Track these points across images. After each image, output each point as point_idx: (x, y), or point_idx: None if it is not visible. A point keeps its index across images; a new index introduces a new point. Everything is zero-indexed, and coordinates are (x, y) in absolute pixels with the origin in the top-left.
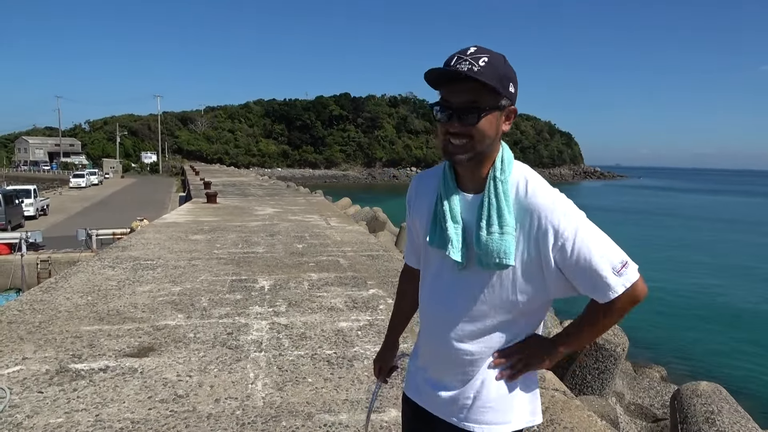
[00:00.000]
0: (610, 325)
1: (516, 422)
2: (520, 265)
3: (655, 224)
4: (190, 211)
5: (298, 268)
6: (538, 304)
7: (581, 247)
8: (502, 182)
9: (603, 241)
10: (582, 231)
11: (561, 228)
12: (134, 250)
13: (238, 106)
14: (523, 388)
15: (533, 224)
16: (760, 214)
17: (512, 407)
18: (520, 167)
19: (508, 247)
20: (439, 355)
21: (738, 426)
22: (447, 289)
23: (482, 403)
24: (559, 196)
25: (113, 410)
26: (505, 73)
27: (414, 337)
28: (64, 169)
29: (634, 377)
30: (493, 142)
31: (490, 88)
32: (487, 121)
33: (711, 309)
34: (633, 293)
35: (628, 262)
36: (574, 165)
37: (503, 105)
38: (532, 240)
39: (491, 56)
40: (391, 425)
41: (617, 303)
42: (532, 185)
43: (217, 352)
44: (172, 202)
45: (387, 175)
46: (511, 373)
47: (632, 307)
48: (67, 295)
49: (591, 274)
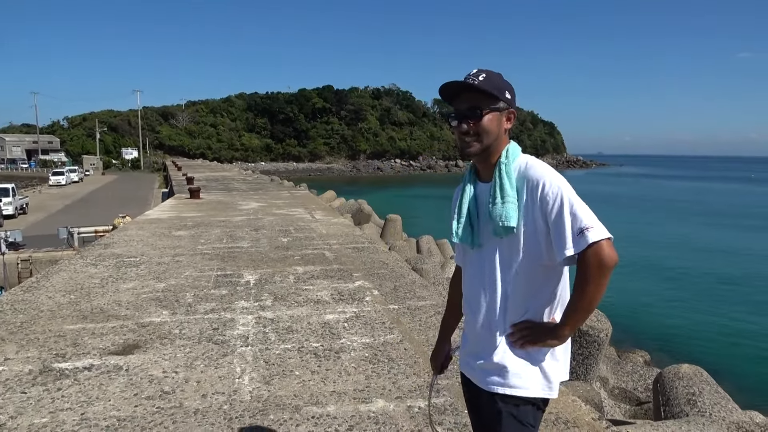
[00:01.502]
0: (595, 293)
1: (532, 391)
2: (523, 228)
3: (635, 211)
4: (173, 207)
5: (283, 262)
6: (544, 270)
7: (559, 206)
8: (505, 165)
9: (577, 204)
10: (562, 194)
11: (546, 190)
12: (117, 248)
13: (219, 100)
14: (537, 362)
15: (529, 190)
16: (738, 199)
17: (528, 377)
18: (525, 156)
19: (509, 212)
20: (474, 327)
21: (718, 407)
22: (475, 267)
23: (502, 370)
24: (550, 170)
25: (99, 408)
26: (501, 84)
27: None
28: (43, 167)
29: (618, 362)
30: (498, 137)
31: (488, 94)
32: (489, 119)
33: (692, 294)
34: (597, 255)
35: (594, 226)
36: (557, 154)
37: (501, 107)
38: (530, 204)
39: (488, 73)
40: (446, 407)
41: (587, 265)
42: (530, 164)
43: (203, 347)
44: (154, 199)
45: (371, 167)
46: (520, 344)
47: (602, 273)
48: (49, 294)
49: (560, 230)
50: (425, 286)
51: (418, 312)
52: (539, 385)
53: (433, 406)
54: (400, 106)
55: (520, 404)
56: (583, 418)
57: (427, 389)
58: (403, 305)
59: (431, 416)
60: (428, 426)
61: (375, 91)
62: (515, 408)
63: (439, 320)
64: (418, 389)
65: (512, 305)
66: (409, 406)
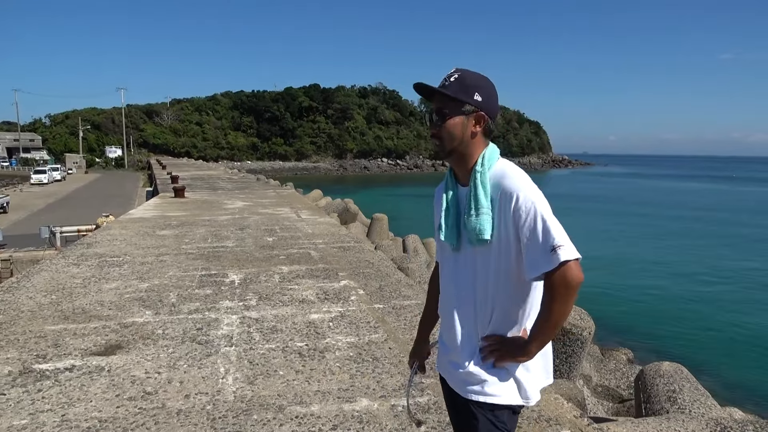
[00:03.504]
0: (560, 312)
1: (505, 398)
2: (497, 241)
3: (619, 210)
4: (158, 206)
5: (268, 262)
6: (516, 282)
7: (532, 221)
8: (480, 174)
9: (550, 221)
10: (535, 209)
11: (520, 203)
12: (100, 247)
13: (205, 99)
14: (509, 374)
15: (503, 201)
16: (719, 198)
17: (502, 386)
18: (502, 162)
19: (482, 225)
20: (448, 330)
21: (698, 404)
22: (451, 270)
23: (476, 378)
24: (526, 181)
25: (80, 410)
26: (472, 84)
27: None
28: (25, 165)
29: (601, 360)
30: (463, 142)
31: (451, 98)
32: (451, 123)
33: (674, 292)
34: (564, 275)
35: (564, 245)
36: (542, 153)
37: (467, 110)
38: (503, 217)
39: (462, 74)
40: (429, 405)
41: (553, 285)
42: (505, 173)
43: (186, 347)
44: (138, 198)
45: (358, 166)
46: (489, 359)
47: (568, 292)
48: (30, 295)
49: (532, 246)
50: (411, 285)
51: (403, 311)
52: (513, 393)
53: (413, 404)
54: (387, 105)
55: (495, 409)
56: (565, 416)
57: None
58: (388, 304)
59: (410, 410)
60: (409, 420)
61: (362, 90)
62: (490, 413)
63: None
64: (402, 388)
65: (483, 314)
66: (393, 405)
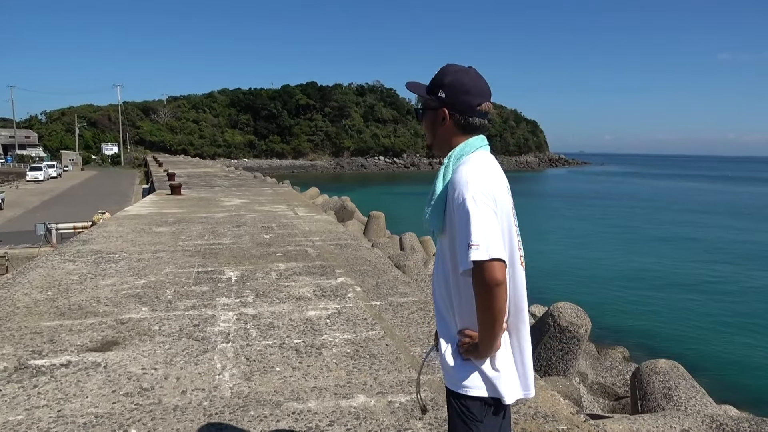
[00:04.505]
0: (485, 311)
1: (475, 391)
2: (448, 232)
3: (615, 208)
4: (154, 203)
5: (265, 259)
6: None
7: (459, 216)
8: (444, 167)
9: (475, 218)
10: (467, 205)
11: (456, 196)
12: (96, 244)
13: (201, 96)
14: (475, 367)
15: (449, 195)
16: (714, 197)
17: (471, 379)
18: (468, 157)
19: (433, 218)
20: (437, 317)
21: (694, 401)
22: (436, 256)
23: (449, 366)
24: (471, 176)
25: (76, 405)
26: (437, 82)
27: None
28: (20, 162)
29: (597, 358)
30: (437, 137)
31: (425, 96)
32: (426, 119)
33: (670, 291)
34: (478, 274)
35: (479, 245)
36: (539, 152)
37: (434, 106)
38: (450, 208)
39: (439, 71)
40: (426, 401)
41: (473, 283)
42: (460, 167)
43: (183, 344)
44: (135, 195)
45: (355, 164)
46: (460, 350)
47: (485, 291)
48: (26, 291)
49: (459, 242)
50: (407, 282)
51: (400, 308)
52: (482, 387)
53: (422, 381)
54: (385, 103)
55: (464, 399)
56: (562, 413)
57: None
58: (385, 301)
59: (419, 389)
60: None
61: (359, 88)
62: (460, 401)
63: (420, 317)
64: (399, 385)
65: (456, 305)
66: (390, 401)
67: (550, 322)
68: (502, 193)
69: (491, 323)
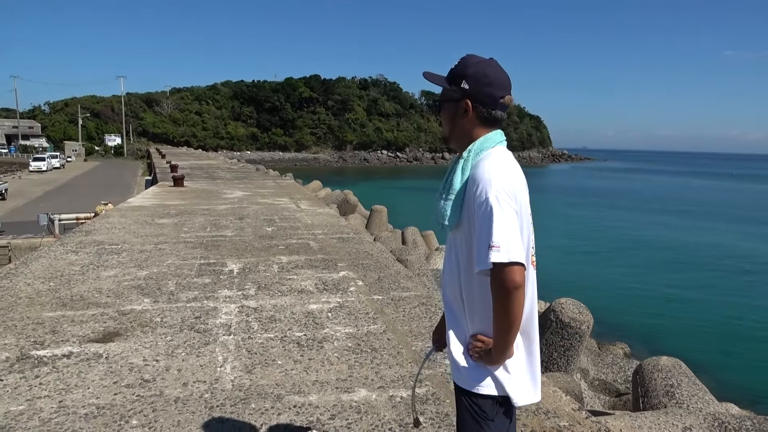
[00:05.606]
0: (502, 314)
1: (486, 389)
2: (463, 228)
3: (620, 204)
4: (157, 195)
5: (267, 251)
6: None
7: (482, 214)
8: (464, 160)
9: (498, 218)
10: (490, 203)
11: (478, 193)
12: (98, 235)
13: (205, 88)
14: (489, 371)
15: (469, 190)
16: (720, 195)
17: (483, 379)
18: (492, 152)
19: (446, 210)
20: (446, 313)
21: (696, 398)
22: (447, 251)
23: (460, 366)
24: (494, 173)
25: (77, 396)
26: (459, 72)
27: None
28: (23, 152)
29: (598, 354)
30: (456, 129)
31: (444, 87)
32: (445, 111)
33: (673, 288)
34: (498, 276)
35: (500, 246)
36: (543, 148)
37: (455, 98)
38: (468, 204)
39: (459, 61)
40: (428, 396)
41: (491, 285)
42: (481, 162)
43: (184, 336)
44: (138, 186)
45: (358, 158)
46: (472, 355)
47: (504, 295)
48: (28, 281)
49: (478, 240)
50: (410, 277)
51: (402, 303)
52: (493, 386)
53: (418, 383)
54: (388, 97)
55: (476, 397)
56: (563, 409)
57: (413, 378)
58: (387, 296)
59: (414, 402)
60: (410, 408)
61: (362, 82)
62: (471, 400)
63: (422, 311)
64: (400, 379)
65: (467, 306)
66: (391, 395)
67: (552, 318)
68: (523, 192)
69: (507, 328)
